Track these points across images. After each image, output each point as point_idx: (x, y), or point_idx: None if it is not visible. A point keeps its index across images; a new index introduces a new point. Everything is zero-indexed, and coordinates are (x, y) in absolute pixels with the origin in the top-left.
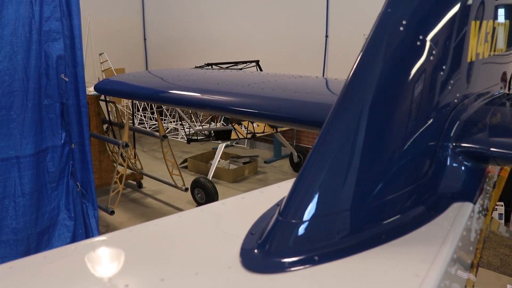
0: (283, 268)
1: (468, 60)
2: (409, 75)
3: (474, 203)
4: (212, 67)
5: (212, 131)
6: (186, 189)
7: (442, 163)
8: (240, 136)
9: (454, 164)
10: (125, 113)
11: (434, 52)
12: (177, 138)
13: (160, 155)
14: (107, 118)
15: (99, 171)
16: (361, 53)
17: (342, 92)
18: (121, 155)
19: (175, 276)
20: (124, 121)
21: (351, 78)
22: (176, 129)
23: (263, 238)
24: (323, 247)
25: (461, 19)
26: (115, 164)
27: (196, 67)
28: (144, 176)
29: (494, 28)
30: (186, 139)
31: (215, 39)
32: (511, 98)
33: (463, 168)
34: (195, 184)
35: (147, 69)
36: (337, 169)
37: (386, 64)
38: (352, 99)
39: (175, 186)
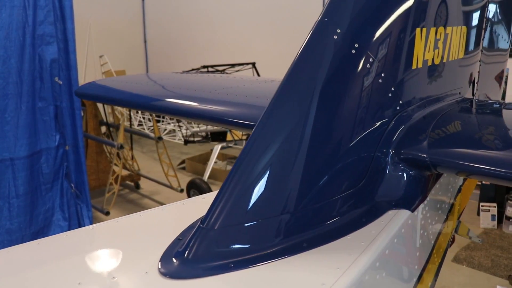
0: (197, 274)
1: (413, 67)
2: (343, 82)
3: (413, 211)
4: (208, 69)
5: (208, 133)
6: (182, 190)
7: (379, 170)
8: (236, 138)
9: (393, 171)
10: (122, 115)
11: (371, 60)
12: (175, 139)
13: None
14: (105, 120)
15: (96, 172)
16: (293, 62)
17: (272, 101)
18: (118, 156)
19: (93, 280)
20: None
21: (283, 85)
22: (174, 131)
23: (184, 245)
24: (240, 254)
25: (402, 27)
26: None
27: (192, 69)
28: (141, 177)
29: (446, 35)
30: (183, 140)
31: (215, 41)
32: (468, 104)
33: (402, 175)
34: (191, 185)
35: (147, 71)
36: (257, 178)
37: (318, 71)
38: (280, 108)
39: (171, 187)
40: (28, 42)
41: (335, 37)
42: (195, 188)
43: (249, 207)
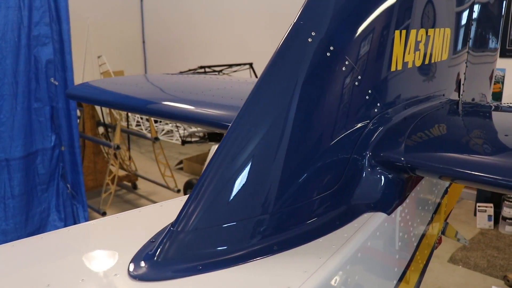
0: (165, 277)
1: (393, 69)
2: (318, 85)
3: (389, 213)
4: (205, 69)
5: (206, 133)
6: (179, 191)
7: (356, 172)
8: None
9: (370, 174)
10: (120, 115)
11: (346, 62)
12: (172, 139)
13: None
14: (102, 120)
15: (94, 173)
16: (267, 65)
17: (245, 103)
18: (115, 156)
19: (62, 282)
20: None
21: (256, 87)
22: (172, 131)
23: (155, 247)
24: (209, 257)
25: (380, 30)
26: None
27: (189, 69)
28: (139, 177)
29: (428, 37)
30: (180, 141)
31: (213, 41)
32: (453, 105)
33: (379, 178)
34: (188, 185)
35: (145, 71)
36: (226, 182)
37: (291, 75)
38: (254, 111)
39: (167, 188)
40: (23, 43)
41: (309, 40)
42: (192, 188)
43: (219, 210)
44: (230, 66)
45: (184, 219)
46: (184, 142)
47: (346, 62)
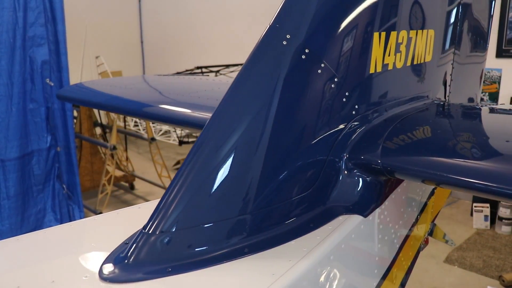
0: (134, 279)
1: (371, 71)
2: (293, 87)
3: (366, 216)
4: (202, 70)
5: None
6: None
7: (332, 175)
8: None
9: (347, 176)
10: (115, 116)
11: (322, 65)
12: (170, 140)
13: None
14: (99, 121)
15: (90, 173)
16: (242, 68)
17: (219, 105)
18: (112, 157)
19: (33, 284)
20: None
21: (231, 88)
22: (169, 131)
23: (126, 249)
24: (179, 260)
25: (357, 32)
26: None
27: (186, 70)
28: (136, 177)
29: (410, 38)
30: (178, 141)
31: (211, 41)
32: (436, 107)
33: (356, 180)
34: None
35: (144, 72)
36: (197, 184)
37: (265, 77)
38: (227, 112)
39: (164, 188)
40: (18, 44)
41: (284, 42)
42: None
43: (189, 212)
44: (227, 66)
45: (155, 221)
46: (181, 143)
47: (322, 65)
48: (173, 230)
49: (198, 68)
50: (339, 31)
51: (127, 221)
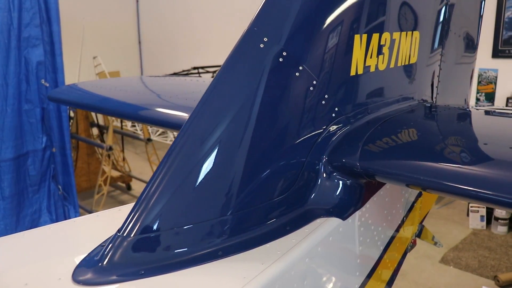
0: (106, 281)
1: (352, 73)
2: (270, 90)
3: (344, 219)
4: (198, 70)
5: None
6: None
7: (310, 177)
8: None
9: (325, 179)
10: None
11: (300, 68)
12: (167, 140)
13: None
14: (96, 121)
15: (87, 174)
16: (219, 71)
17: (196, 108)
18: (108, 157)
19: (6, 286)
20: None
21: (208, 91)
22: (166, 132)
23: (101, 252)
24: (152, 262)
25: (337, 35)
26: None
27: (183, 70)
28: (133, 178)
29: (393, 40)
30: None
31: (209, 42)
32: (422, 109)
33: (334, 183)
34: None
35: (141, 72)
36: (172, 186)
37: (242, 80)
38: (205, 114)
39: None
40: (13, 45)
41: (261, 45)
42: None
43: (163, 216)
44: None
45: (130, 224)
46: None
47: (300, 68)
48: (146, 233)
49: (194, 68)
50: (318, 34)
51: (107, 223)
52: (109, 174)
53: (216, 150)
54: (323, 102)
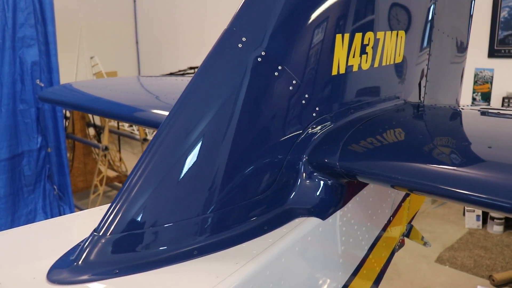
0: (80, 280)
1: (334, 73)
2: (248, 90)
3: (324, 218)
4: (195, 70)
5: None
6: None
7: (290, 177)
8: None
9: (305, 179)
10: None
11: (279, 67)
12: None
13: None
14: (92, 121)
15: (84, 174)
16: (197, 71)
17: (174, 107)
18: (105, 157)
19: None
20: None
21: (185, 92)
22: None
23: (77, 251)
24: (127, 261)
25: (317, 34)
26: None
27: (179, 70)
28: None
29: (377, 40)
30: None
31: (207, 41)
32: (408, 108)
33: (314, 182)
34: None
35: (139, 72)
36: (148, 186)
37: (220, 80)
38: (183, 114)
39: None
40: (8, 45)
41: (239, 45)
42: None
43: (138, 215)
44: None
45: (106, 223)
46: None
47: (279, 68)
48: (122, 232)
49: (191, 68)
50: (298, 34)
51: (88, 222)
52: (106, 174)
53: (194, 149)
54: (303, 101)
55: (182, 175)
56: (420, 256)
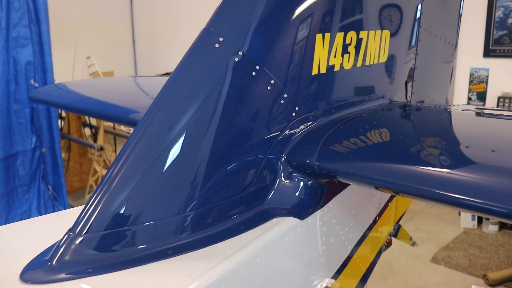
0: (52, 280)
1: (314, 72)
2: (225, 89)
3: (302, 218)
4: None
5: None
6: None
7: (268, 177)
8: None
9: (284, 178)
10: None
11: (257, 67)
12: None
13: None
14: (88, 121)
15: (79, 174)
16: (174, 71)
17: (150, 108)
18: (101, 157)
19: None
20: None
21: (161, 92)
22: None
23: (52, 251)
24: (101, 261)
25: (296, 33)
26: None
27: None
28: None
29: (360, 39)
30: None
31: None
32: (392, 108)
33: (293, 182)
34: None
35: (136, 72)
36: (120, 185)
37: (197, 80)
38: (158, 114)
39: None
40: (1, 45)
41: (216, 45)
42: None
43: (112, 214)
44: None
45: (80, 223)
46: None
47: (257, 67)
48: (96, 232)
49: None
50: (276, 34)
51: (67, 222)
52: (101, 174)
53: (170, 149)
54: (282, 101)
55: (158, 175)
56: (415, 256)
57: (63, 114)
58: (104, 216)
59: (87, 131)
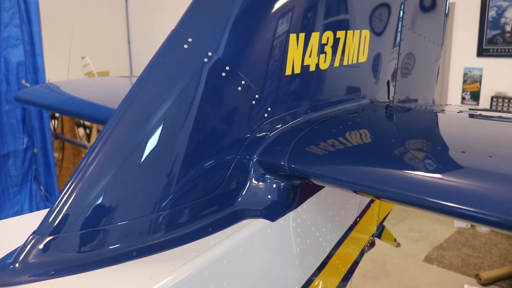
0: (14, 282)
1: (288, 73)
2: (193, 91)
3: (273, 220)
4: None
5: None
6: None
7: (239, 178)
8: None
9: (255, 180)
10: None
11: (227, 68)
12: None
13: None
14: (81, 121)
15: None
16: (142, 72)
17: (119, 107)
18: None
19: None
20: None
21: (130, 93)
22: None
23: (16, 253)
24: (64, 263)
25: (267, 33)
26: None
27: None
28: None
29: (337, 39)
30: None
31: None
32: (372, 108)
33: (264, 184)
34: None
35: (131, 72)
36: (86, 187)
37: (165, 81)
38: (128, 113)
39: None
40: None
41: (185, 46)
42: None
43: (77, 216)
44: None
45: (45, 224)
46: None
47: (227, 68)
48: (60, 233)
49: None
50: (247, 34)
51: (36, 224)
52: None
53: (139, 149)
54: (254, 102)
55: (123, 177)
56: (408, 256)
57: (57, 114)
58: (67, 218)
59: (81, 131)
